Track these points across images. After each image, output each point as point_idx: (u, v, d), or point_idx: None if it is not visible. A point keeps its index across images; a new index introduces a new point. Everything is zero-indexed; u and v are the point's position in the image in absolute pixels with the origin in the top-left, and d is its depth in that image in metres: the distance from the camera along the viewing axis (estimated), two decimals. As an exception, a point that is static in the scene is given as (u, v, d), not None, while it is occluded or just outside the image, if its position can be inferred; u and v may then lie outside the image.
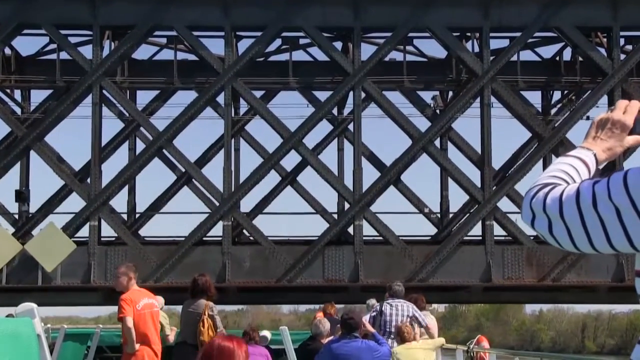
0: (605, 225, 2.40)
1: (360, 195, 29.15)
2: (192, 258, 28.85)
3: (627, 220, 2.37)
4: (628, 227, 2.37)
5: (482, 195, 29.23)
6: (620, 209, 2.37)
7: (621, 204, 2.37)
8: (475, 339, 19.84)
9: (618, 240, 2.39)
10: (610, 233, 2.39)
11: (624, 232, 2.38)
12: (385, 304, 13.49)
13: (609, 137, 2.73)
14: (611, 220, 2.39)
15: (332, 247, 29.23)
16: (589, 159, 2.68)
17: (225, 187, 29.14)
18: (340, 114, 34.98)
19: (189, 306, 12.31)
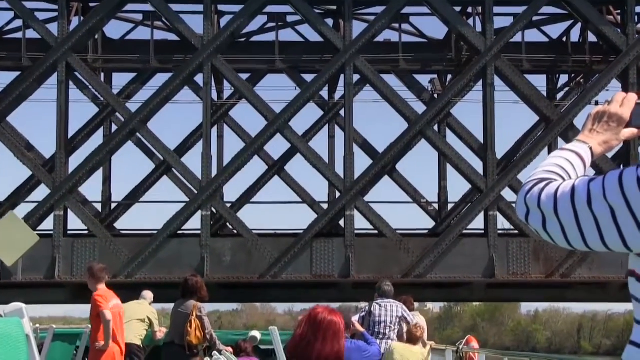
0: (600, 224, 2.38)
1: (351, 183, 26.08)
2: (167, 252, 25.80)
3: (621, 220, 2.34)
4: (622, 227, 2.35)
5: (485, 183, 26.18)
6: (615, 208, 2.35)
7: (616, 203, 2.34)
8: (465, 339, 19.72)
9: (611, 239, 2.37)
10: (604, 232, 2.37)
11: (617, 232, 2.35)
12: (374, 304, 13.33)
13: (605, 130, 2.71)
14: (605, 219, 2.36)
15: (320, 239, 26.18)
16: (584, 153, 2.68)
17: (204, 174, 26.06)
18: (331, 99, 31.94)
19: (179, 306, 12.28)
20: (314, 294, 27.73)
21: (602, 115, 2.71)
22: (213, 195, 26.12)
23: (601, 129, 2.70)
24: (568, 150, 2.68)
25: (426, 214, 31.62)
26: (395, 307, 13.27)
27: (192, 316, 12.00)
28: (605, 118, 2.70)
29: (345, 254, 25.97)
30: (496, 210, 26.25)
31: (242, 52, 29.66)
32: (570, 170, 2.61)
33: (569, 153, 2.66)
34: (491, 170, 26.30)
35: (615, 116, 2.68)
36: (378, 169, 26.78)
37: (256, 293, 27.78)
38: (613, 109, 2.70)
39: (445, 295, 29.51)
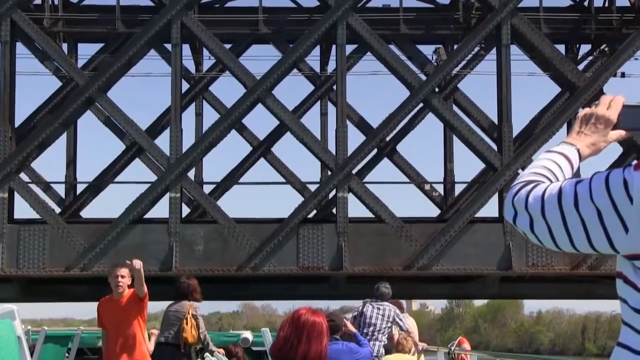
0: (586, 225, 2.37)
1: (344, 160, 21.68)
2: (130, 240, 21.46)
3: (607, 222, 2.33)
4: (608, 229, 2.34)
5: (500, 160, 21.78)
6: (601, 210, 2.34)
7: (602, 205, 2.33)
8: (457, 340, 19.25)
9: (598, 241, 2.36)
10: (591, 234, 2.36)
11: (604, 234, 2.34)
12: (367, 305, 13.29)
13: (592, 132, 2.69)
14: (592, 221, 2.36)
15: (308, 225, 21.84)
16: (572, 155, 2.67)
17: (173, 150, 21.69)
18: (324, 72, 27.58)
19: (173, 307, 12.10)
20: (301, 289, 23.40)
21: (590, 117, 2.69)
22: (183, 175, 21.74)
23: (589, 131, 2.67)
24: (556, 152, 2.66)
25: (430, 200, 27.24)
26: (389, 310, 13.11)
27: (188, 315, 11.78)
28: (593, 120, 2.67)
29: (337, 242, 21.62)
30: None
31: (222, 18, 25.32)
32: (557, 173, 2.59)
33: (557, 155, 2.64)
34: (507, 145, 21.92)
35: (602, 118, 2.65)
36: (375, 144, 22.39)
37: (233, 289, 23.42)
38: (600, 111, 2.66)
39: (452, 291, 25.06)
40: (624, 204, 2.27)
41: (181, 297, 12.20)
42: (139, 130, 22.01)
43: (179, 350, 11.93)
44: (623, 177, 2.30)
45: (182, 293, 12.23)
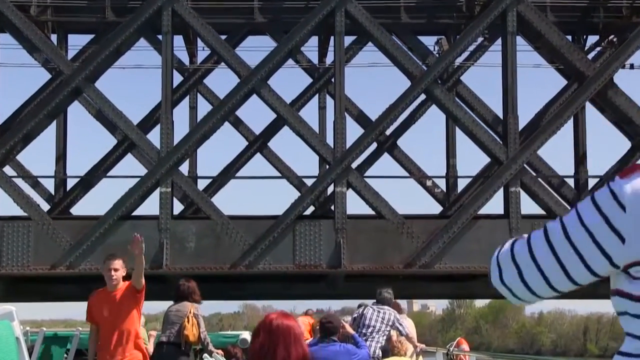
0: (580, 251, 2.27)
1: (342, 153, 20.56)
2: (118, 237, 20.32)
3: (601, 239, 2.24)
4: (604, 245, 2.24)
5: (505, 153, 20.64)
6: (593, 230, 2.25)
7: (593, 224, 2.24)
8: (455, 341, 19.14)
9: (596, 262, 2.25)
10: (587, 257, 2.26)
11: (600, 252, 2.24)
12: (368, 308, 13.36)
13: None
14: (586, 244, 2.26)
15: (305, 222, 20.72)
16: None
17: (163, 142, 20.56)
18: (322, 64, 26.46)
19: (174, 308, 12.12)
20: (298, 288, 22.29)
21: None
22: (174, 169, 20.62)
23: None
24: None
25: (432, 197, 26.10)
26: (389, 314, 13.12)
27: (190, 314, 11.78)
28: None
29: (335, 239, 20.50)
30: (518, 185, 20.75)
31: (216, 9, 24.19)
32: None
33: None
34: (512, 137, 20.79)
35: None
36: (375, 136, 21.27)
37: (227, 288, 22.30)
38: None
39: (455, 290, 23.92)
40: (617, 215, 2.20)
41: (181, 299, 12.04)
42: (128, 123, 20.89)
43: (180, 349, 11.89)
44: (609, 190, 2.24)
45: (181, 295, 12.08)
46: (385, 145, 26.26)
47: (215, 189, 26.13)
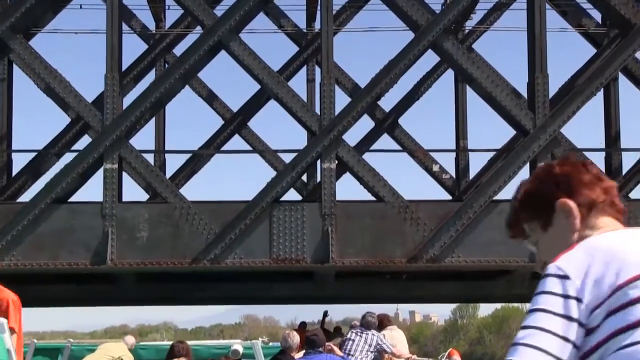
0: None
1: (331, 120, 16.00)
2: (51, 225, 15.81)
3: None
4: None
5: (532, 121, 16.08)
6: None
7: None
8: (447, 352, 18.36)
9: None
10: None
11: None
12: (351, 332, 13.87)
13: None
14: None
15: (285, 206, 16.15)
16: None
17: (108, 108, 16.02)
18: (310, 28, 21.99)
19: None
20: (278, 289, 17.68)
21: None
22: (122, 141, 16.07)
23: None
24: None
25: (439, 184, 21.53)
26: (371, 337, 13.54)
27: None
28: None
29: (322, 227, 15.94)
30: (549, 160, 16.10)
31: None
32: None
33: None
34: (541, 101, 16.23)
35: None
36: (371, 99, 16.66)
37: (187, 289, 17.64)
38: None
39: (468, 291, 19.06)
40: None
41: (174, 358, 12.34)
42: (64, 83, 16.32)
43: None
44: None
45: (175, 355, 12.44)
46: (384, 123, 21.75)
47: (187, 175, 21.63)
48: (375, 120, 21.85)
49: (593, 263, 2.19)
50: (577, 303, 2.17)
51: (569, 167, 2.43)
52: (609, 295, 2.16)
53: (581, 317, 2.18)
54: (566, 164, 2.44)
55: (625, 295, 2.16)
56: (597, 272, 2.17)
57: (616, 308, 2.16)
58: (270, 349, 20.72)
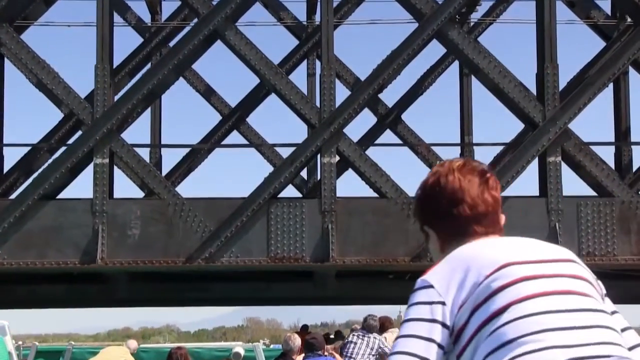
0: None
1: (331, 112, 15.23)
2: (39, 222, 15.05)
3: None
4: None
5: (542, 113, 15.30)
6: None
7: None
8: None
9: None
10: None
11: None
12: (353, 335, 13.83)
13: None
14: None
15: (283, 202, 15.37)
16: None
17: (99, 100, 15.26)
18: (311, 21, 21.23)
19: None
20: (276, 289, 16.92)
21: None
22: (113, 134, 15.30)
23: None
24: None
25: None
26: (373, 341, 13.47)
27: None
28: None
29: (322, 224, 15.17)
30: (559, 154, 15.39)
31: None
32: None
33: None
34: (551, 93, 15.46)
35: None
36: (373, 92, 15.89)
37: (180, 289, 16.87)
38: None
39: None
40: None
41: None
42: (52, 74, 15.55)
43: None
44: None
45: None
46: (387, 119, 20.98)
47: (184, 173, 20.87)
48: (378, 116, 21.10)
49: (455, 271, 2.38)
50: (441, 307, 2.34)
51: (440, 190, 2.59)
52: (472, 293, 2.32)
53: (445, 318, 2.34)
54: (439, 187, 2.60)
55: (487, 288, 2.33)
56: (459, 277, 2.36)
57: (480, 302, 2.32)
58: (272, 352, 20.09)
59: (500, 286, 2.33)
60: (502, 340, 2.25)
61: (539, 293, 2.34)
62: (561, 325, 2.28)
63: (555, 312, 2.31)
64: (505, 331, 2.27)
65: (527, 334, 2.26)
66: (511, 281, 2.34)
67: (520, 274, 2.37)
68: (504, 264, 2.38)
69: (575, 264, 2.49)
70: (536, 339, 2.25)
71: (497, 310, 2.30)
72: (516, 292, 2.32)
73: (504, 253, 2.43)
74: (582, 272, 2.49)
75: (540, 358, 2.22)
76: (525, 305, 2.31)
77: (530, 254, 2.46)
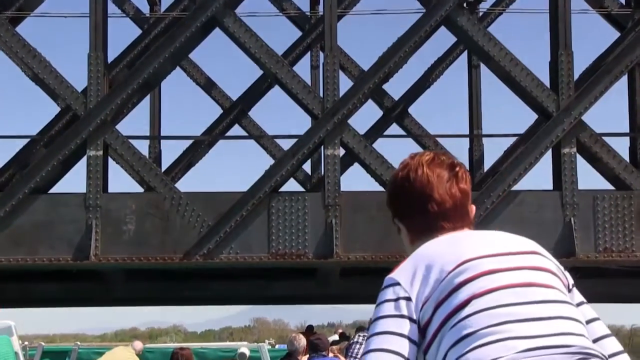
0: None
1: (335, 103, 14.47)
2: (29, 217, 14.34)
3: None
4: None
5: (556, 102, 14.52)
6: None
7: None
8: None
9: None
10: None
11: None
12: (358, 335, 13.49)
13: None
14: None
15: (284, 196, 14.62)
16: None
17: (92, 89, 14.54)
18: (315, 11, 20.47)
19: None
20: (277, 288, 16.17)
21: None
22: (107, 125, 14.56)
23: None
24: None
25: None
26: None
27: None
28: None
29: (325, 219, 14.41)
30: (574, 146, 14.60)
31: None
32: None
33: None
34: (565, 81, 14.68)
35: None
36: (379, 80, 15.11)
37: (180, 287, 16.10)
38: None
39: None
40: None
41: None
42: (43, 63, 14.81)
43: None
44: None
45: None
46: (393, 112, 20.23)
47: (184, 168, 20.13)
48: (384, 109, 20.36)
49: (418, 267, 2.43)
50: (406, 302, 2.40)
51: (409, 184, 2.63)
52: (435, 289, 2.38)
53: (411, 313, 2.39)
54: (408, 182, 2.64)
55: (450, 283, 2.38)
56: (423, 274, 2.41)
57: (443, 298, 2.37)
58: (277, 352, 19.48)
59: (462, 281, 2.35)
60: (463, 333, 2.28)
61: (501, 286, 2.36)
62: (522, 317, 2.29)
63: (516, 304, 2.32)
64: (466, 324, 2.29)
65: (488, 326, 2.28)
66: (473, 275, 2.37)
67: (482, 268, 2.39)
68: (466, 259, 2.40)
69: (538, 256, 2.48)
70: (497, 331, 2.27)
71: (459, 304, 2.33)
72: (477, 286, 2.35)
73: (467, 248, 2.45)
74: (546, 263, 2.48)
75: (501, 348, 2.24)
76: (487, 299, 2.33)
77: (493, 248, 2.46)
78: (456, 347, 2.28)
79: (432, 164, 2.65)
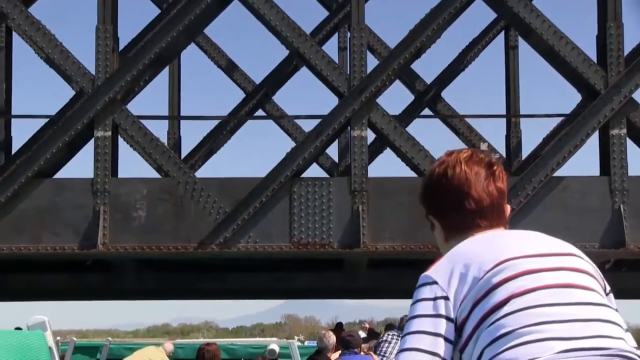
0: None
1: (362, 80, 13.21)
2: (33, 202, 13.23)
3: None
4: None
5: (604, 79, 13.17)
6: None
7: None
8: None
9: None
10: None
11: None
12: (388, 334, 13.22)
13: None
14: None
15: (307, 181, 13.38)
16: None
17: (100, 65, 13.38)
18: (342, -9, 19.23)
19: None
20: (300, 280, 14.95)
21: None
22: (116, 104, 13.40)
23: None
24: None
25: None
26: None
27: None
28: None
29: (352, 206, 13.14)
30: (624, 127, 13.24)
31: None
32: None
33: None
34: (615, 56, 13.30)
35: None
36: (410, 56, 13.82)
37: (193, 279, 14.91)
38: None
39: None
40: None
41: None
42: (48, 36, 13.67)
43: None
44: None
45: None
46: (425, 97, 18.94)
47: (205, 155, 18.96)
48: (415, 93, 19.10)
49: (456, 266, 2.39)
50: (444, 301, 2.36)
51: (448, 182, 2.56)
52: (473, 287, 2.33)
53: (449, 312, 2.35)
54: (445, 179, 2.57)
55: (488, 282, 2.35)
56: (460, 272, 2.36)
57: (481, 296, 2.33)
58: (307, 349, 18.94)
59: (501, 280, 2.33)
60: (501, 332, 2.27)
61: (540, 286, 2.33)
62: (561, 318, 2.27)
63: (556, 304, 2.30)
64: (504, 323, 2.28)
65: (526, 326, 2.26)
66: (512, 275, 2.34)
67: (521, 268, 2.36)
68: (504, 259, 2.37)
69: (577, 258, 2.45)
70: (535, 330, 2.25)
71: (497, 303, 2.32)
72: (516, 286, 2.33)
73: (505, 248, 2.42)
74: (585, 266, 2.45)
75: (538, 348, 2.22)
76: (526, 298, 2.32)
77: (531, 248, 2.42)
78: (492, 345, 2.26)
79: (470, 162, 2.60)
